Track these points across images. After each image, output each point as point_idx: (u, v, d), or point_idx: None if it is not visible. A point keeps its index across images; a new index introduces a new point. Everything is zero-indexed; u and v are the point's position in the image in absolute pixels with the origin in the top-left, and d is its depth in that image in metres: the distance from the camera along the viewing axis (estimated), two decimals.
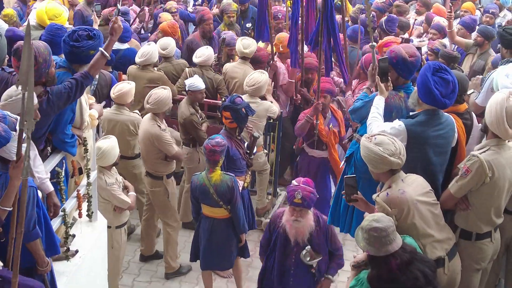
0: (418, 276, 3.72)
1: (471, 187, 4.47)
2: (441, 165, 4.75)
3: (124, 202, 5.94)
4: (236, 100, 6.30)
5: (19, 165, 3.61)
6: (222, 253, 6.04)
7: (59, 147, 4.76)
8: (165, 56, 7.92)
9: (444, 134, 4.68)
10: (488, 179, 4.39)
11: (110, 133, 6.47)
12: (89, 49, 4.80)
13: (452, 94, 4.63)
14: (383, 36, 9.08)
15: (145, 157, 6.61)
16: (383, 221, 3.82)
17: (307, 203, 5.03)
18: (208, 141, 5.79)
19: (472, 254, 4.66)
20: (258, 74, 7.27)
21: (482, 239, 4.67)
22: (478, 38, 8.20)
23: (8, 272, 3.74)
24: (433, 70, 4.60)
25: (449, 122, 4.72)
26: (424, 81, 4.59)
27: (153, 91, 6.50)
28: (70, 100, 4.58)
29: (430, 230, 4.32)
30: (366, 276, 3.91)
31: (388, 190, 4.32)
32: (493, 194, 4.50)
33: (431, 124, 4.63)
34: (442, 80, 4.58)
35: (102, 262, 5.49)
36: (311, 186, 5.11)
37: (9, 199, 3.67)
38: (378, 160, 4.29)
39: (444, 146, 4.71)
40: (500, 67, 6.24)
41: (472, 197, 4.55)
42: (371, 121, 4.86)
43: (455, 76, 4.72)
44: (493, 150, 4.43)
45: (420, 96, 4.67)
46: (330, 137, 7.05)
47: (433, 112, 4.65)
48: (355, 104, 5.27)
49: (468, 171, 4.40)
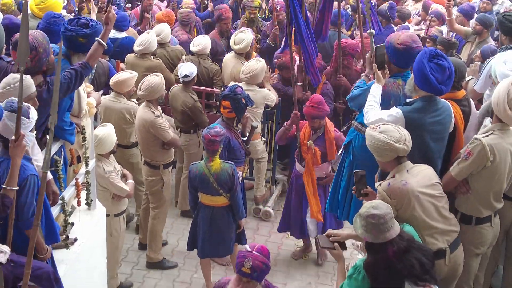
0: (414, 264, 3.70)
1: (472, 170, 4.49)
2: (439, 151, 4.75)
3: (123, 190, 5.94)
4: (237, 90, 6.28)
5: (19, 144, 3.70)
6: (222, 240, 6.06)
7: (58, 135, 4.76)
8: (160, 42, 7.90)
9: (441, 120, 4.68)
10: (489, 163, 4.41)
11: (107, 121, 6.46)
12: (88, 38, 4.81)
13: (448, 81, 4.63)
14: (384, 24, 9.05)
15: (142, 145, 6.60)
16: (381, 208, 3.81)
17: (256, 275, 4.13)
18: (207, 130, 5.78)
19: (471, 239, 4.67)
20: (254, 62, 7.26)
21: (482, 224, 4.70)
22: (477, 26, 8.17)
23: (19, 257, 3.80)
24: (429, 57, 4.59)
25: (446, 108, 4.72)
26: (420, 68, 4.58)
27: (146, 78, 6.47)
28: (70, 90, 4.61)
29: (432, 222, 4.31)
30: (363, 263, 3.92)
31: (391, 180, 4.32)
32: (494, 178, 4.52)
33: (428, 111, 4.63)
34: (438, 67, 4.57)
35: (101, 250, 5.51)
36: (265, 254, 4.21)
37: (13, 179, 3.75)
38: (384, 147, 4.28)
39: (441, 132, 4.72)
40: (499, 53, 6.24)
41: (473, 181, 4.57)
42: (368, 109, 4.86)
43: (452, 62, 4.72)
44: (496, 135, 4.46)
45: (416, 83, 4.67)
46: (309, 154, 6.41)
47: (430, 99, 4.65)
48: (353, 91, 5.26)
49: (470, 154, 4.44)
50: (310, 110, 6.23)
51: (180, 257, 6.90)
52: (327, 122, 6.44)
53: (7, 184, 3.73)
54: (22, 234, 3.96)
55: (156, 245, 6.72)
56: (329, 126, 6.43)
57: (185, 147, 7.24)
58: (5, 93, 4.16)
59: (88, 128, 5.25)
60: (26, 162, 3.97)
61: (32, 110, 3.99)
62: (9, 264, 3.69)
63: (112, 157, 6.03)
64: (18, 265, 3.70)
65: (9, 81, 4.21)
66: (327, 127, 6.41)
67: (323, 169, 6.52)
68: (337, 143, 6.35)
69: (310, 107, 6.24)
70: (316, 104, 6.22)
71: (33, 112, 3.98)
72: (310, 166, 6.41)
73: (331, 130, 6.42)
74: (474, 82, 6.17)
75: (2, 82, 4.24)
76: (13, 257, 3.72)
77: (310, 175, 6.45)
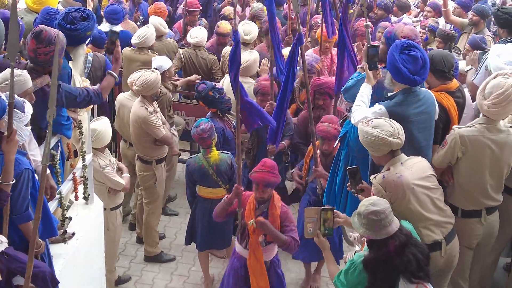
0: (411, 260, 3.72)
1: (448, 159, 4.67)
2: (426, 139, 4.76)
3: (119, 184, 5.95)
4: (198, 88, 6.42)
5: (12, 139, 3.70)
6: (221, 233, 6.09)
7: (55, 129, 4.75)
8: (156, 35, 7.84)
9: (425, 109, 4.69)
10: (461, 153, 4.55)
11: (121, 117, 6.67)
12: (86, 31, 4.86)
13: (422, 70, 4.63)
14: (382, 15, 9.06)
15: (135, 140, 6.58)
16: (379, 204, 3.82)
17: None
18: (194, 130, 5.88)
19: (460, 231, 4.67)
20: (247, 54, 7.26)
21: (470, 217, 4.76)
22: (474, 17, 8.17)
23: (15, 251, 3.79)
24: (401, 49, 4.61)
25: (428, 97, 4.73)
26: (392, 61, 4.61)
27: (143, 73, 6.44)
28: (73, 104, 4.71)
29: (427, 213, 4.33)
30: (361, 259, 3.92)
31: (386, 172, 4.33)
32: (472, 172, 4.64)
33: (410, 102, 4.64)
34: (410, 57, 4.57)
35: (99, 244, 5.52)
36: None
37: (8, 174, 3.75)
38: (377, 142, 4.28)
39: (427, 121, 4.73)
40: (494, 45, 6.24)
41: (455, 173, 4.73)
42: (355, 109, 4.85)
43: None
44: (475, 128, 4.56)
45: (392, 76, 4.70)
46: (251, 232, 5.09)
47: (410, 90, 4.66)
48: (347, 83, 5.27)
49: (445, 143, 4.63)
50: (263, 175, 5.01)
51: (178, 250, 6.93)
52: (274, 195, 5.17)
53: (2, 179, 3.74)
54: (19, 230, 3.97)
55: (152, 240, 6.75)
56: (276, 201, 5.14)
57: None
58: (4, 87, 4.16)
59: (85, 122, 5.26)
60: (21, 157, 3.97)
61: (28, 105, 3.99)
62: (3, 256, 3.70)
63: (107, 150, 6.04)
64: (13, 259, 3.70)
65: (8, 76, 4.20)
66: (273, 201, 5.12)
67: (271, 251, 5.30)
68: (282, 222, 5.07)
69: (262, 173, 5.02)
70: (270, 168, 5.06)
71: (28, 106, 3.98)
72: (254, 246, 5.15)
73: (277, 206, 5.12)
74: (473, 73, 6.16)
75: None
76: (9, 251, 3.72)
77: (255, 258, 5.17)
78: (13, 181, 3.77)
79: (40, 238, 4.20)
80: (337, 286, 4.07)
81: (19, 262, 3.75)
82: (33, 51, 4.42)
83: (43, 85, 4.45)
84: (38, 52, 4.41)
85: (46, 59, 4.41)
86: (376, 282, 3.84)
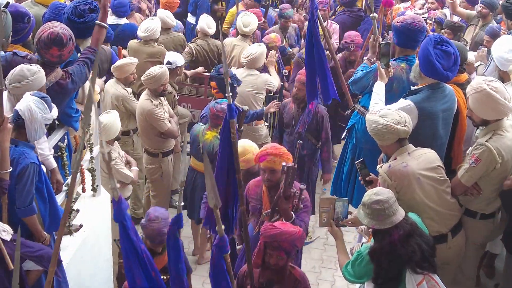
0: (415, 250, 3.72)
1: (481, 174, 4.38)
2: (446, 136, 4.75)
3: (127, 177, 5.96)
4: (220, 69, 6.33)
5: (5, 127, 3.76)
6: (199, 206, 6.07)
7: (64, 121, 4.78)
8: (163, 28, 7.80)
9: (450, 106, 4.67)
10: (499, 165, 4.31)
11: (104, 103, 6.61)
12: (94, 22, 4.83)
13: (454, 67, 4.61)
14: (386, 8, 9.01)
15: (141, 132, 6.60)
16: (383, 193, 3.83)
17: None
18: (215, 104, 5.87)
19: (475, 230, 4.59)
20: (255, 46, 7.24)
21: (486, 219, 4.61)
22: (483, 9, 8.09)
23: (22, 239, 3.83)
24: (435, 43, 4.57)
25: (452, 93, 4.71)
26: (426, 55, 4.56)
27: (152, 68, 6.45)
28: (87, 78, 4.71)
29: (433, 204, 4.30)
30: (367, 250, 3.93)
31: (392, 162, 4.32)
32: (502, 177, 4.42)
33: (438, 98, 4.60)
34: (444, 53, 4.54)
35: (106, 236, 5.53)
36: None
37: (5, 162, 3.82)
38: (384, 130, 4.26)
39: (450, 117, 4.71)
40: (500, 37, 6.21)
41: (481, 182, 4.45)
42: (373, 107, 4.80)
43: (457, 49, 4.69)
44: (498, 135, 4.33)
45: (422, 70, 4.64)
46: None
47: (437, 86, 4.62)
48: (355, 75, 5.25)
49: (478, 160, 4.31)
50: None
51: (185, 241, 6.91)
52: None
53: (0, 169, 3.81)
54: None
55: None
56: None
57: None
58: (20, 86, 4.20)
59: (92, 114, 5.25)
60: (28, 150, 4.00)
61: (55, 109, 4.13)
62: (12, 243, 3.76)
63: (116, 143, 6.05)
64: (22, 246, 3.71)
65: (25, 73, 4.23)
66: None
67: None
68: None
69: None
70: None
71: (55, 111, 4.12)
72: None
73: None
74: (483, 69, 6.11)
75: (13, 75, 4.25)
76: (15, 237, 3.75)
77: None
78: (10, 169, 3.81)
79: (47, 231, 4.24)
80: (345, 276, 4.11)
81: (26, 247, 3.84)
82: (58, 56, 4.48)
83: (57, 79, 4.48)
84: (63, 54, 4.48)
85: (65, 58, 4.54)
86: (382, 272, 3.85)
